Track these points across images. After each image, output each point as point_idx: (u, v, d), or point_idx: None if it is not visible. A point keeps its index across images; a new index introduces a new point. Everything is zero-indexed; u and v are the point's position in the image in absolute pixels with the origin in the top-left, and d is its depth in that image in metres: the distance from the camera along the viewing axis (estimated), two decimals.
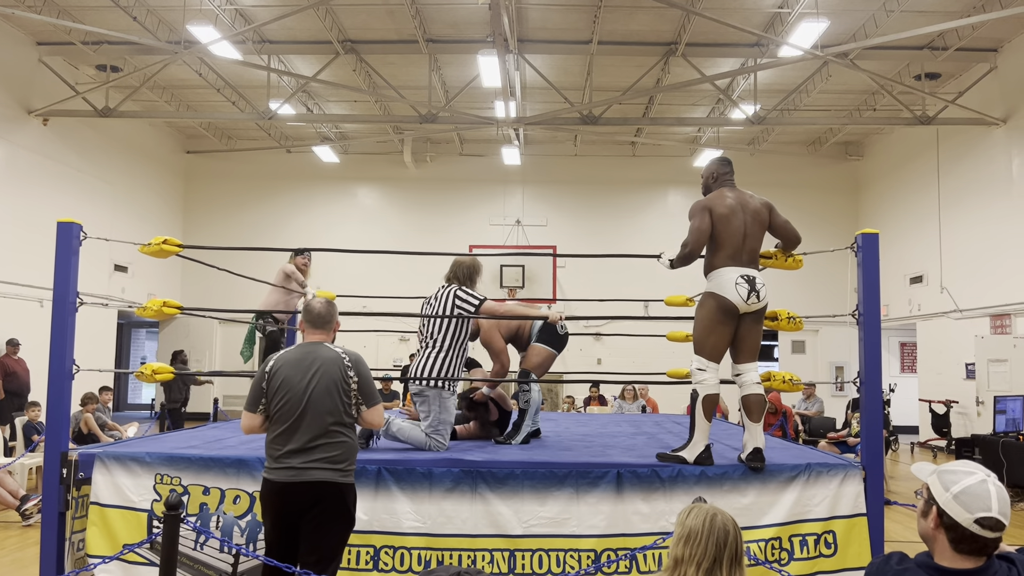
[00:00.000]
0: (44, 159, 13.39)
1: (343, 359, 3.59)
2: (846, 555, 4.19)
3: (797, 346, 17.58)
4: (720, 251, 4.42)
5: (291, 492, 3.44)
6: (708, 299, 4.42)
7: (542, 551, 4.13)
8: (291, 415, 3.46)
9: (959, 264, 13.80)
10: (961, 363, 13.59)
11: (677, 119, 15.82)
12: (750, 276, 4.38)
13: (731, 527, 2.27)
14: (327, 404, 3.50)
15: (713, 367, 4.38)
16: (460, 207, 18.02)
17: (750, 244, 4.46)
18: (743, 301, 4.32)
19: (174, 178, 17.96)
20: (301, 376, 3.50)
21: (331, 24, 12.04)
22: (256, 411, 3.54)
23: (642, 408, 11.79)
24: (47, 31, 12.42)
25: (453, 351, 4.96)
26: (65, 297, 4.41)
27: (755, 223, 4.48)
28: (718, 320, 4.36)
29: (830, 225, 17.26)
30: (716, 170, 4.65)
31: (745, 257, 4.43)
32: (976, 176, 13.34)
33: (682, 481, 4.21)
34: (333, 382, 3.53)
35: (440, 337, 4.95)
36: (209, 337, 17.51)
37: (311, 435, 3.46)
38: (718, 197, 4.49)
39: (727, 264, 4.39)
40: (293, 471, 3.44)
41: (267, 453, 3.53)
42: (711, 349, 4.38)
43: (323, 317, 3.71)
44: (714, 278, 4.42)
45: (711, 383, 4.36)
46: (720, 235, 4.42)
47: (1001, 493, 1.95)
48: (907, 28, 10.90)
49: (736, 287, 4.32)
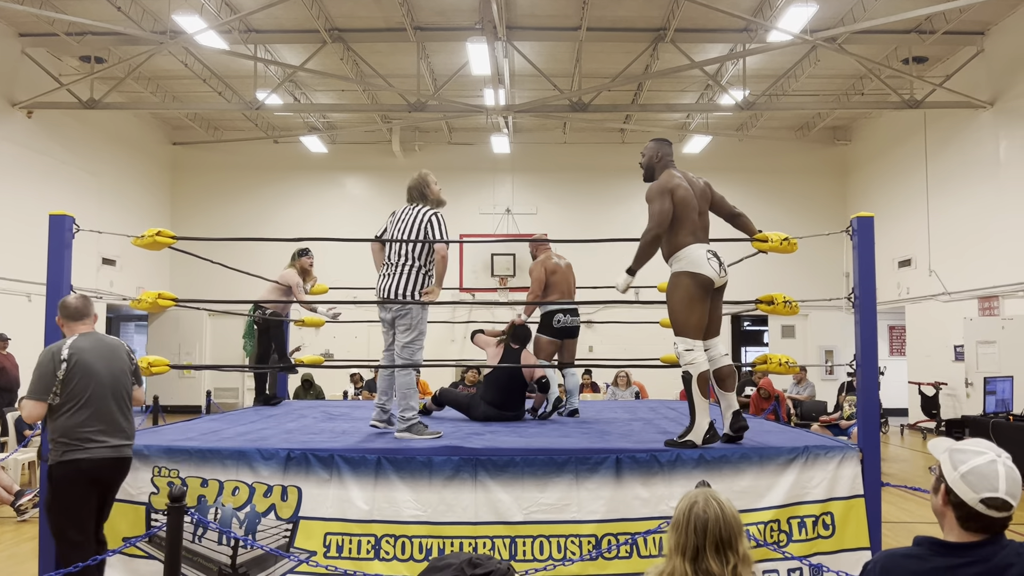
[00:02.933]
0: (29, 152, 13.25)
1: (124, 344, 4.17)
2: (844, 536, 4.23)
3: (787, 331, 17.67)
4: (682, 230, 4.49)
5: (113, 468, 3.91)
6: (683, 278, 4.44)
7: (543, 537, 4.14)
8: (99, 398, 3.85)
9: (947, 247, 13.89)
10: (950, 345, 13.69)
11: (666, 105, 15.81)
12: (715, 252, 4.50)
13: (714, 513, 2.21)
14: (125, 385, 4.03)
15: (699, 345, 4.42)
16: (449, 196, 17.49)
17: (704, 221, 4.60)
18: (717, 275, 4.42)
19: (161, 170, 17.82)
20: (102, 362, 3.91)
21: (318, 12, 11.95)
22: (46, 399, 3.78)
23: (635, 394, 11.83)
24: (30, 22, 12.26)
25: (427, 267, 5.17)
26: (58, 291, 4.38)
27: (703, 200, 4.61)
28: (697, 297, 4.41)
29: (819, 209, 17.34)
30: (661, 151, 4.72)
31: (702, 234, 4.55)
32: (964, 159, 13.41)
33: (681, 465, 4.23)
34: (123, 365, 4.05)
35: (416, 254, 5.12)
36: (199, 330, 17.44)
37: (120, 415, 3.94)
38: (672, 178, 4.57)
39: (692, 241, 4.47)
40: (111, 449, 3.87)
41: (74, 436, 3.77)
42: (695, 327, 4.42)
43: (81, 311, 4.09)
44: (684, 256, 4.46)
45: (701, 361, 4.39)
46: (680, 214, 4.49)
47: (1012, 474, 1.97)
48: (894, 12, 10.92)
49: (709, 262, 4.40)
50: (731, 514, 2.25)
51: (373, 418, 5.34)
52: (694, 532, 2.21)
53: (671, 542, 2.26)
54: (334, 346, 16.81)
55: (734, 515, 2.25)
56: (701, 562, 2.19)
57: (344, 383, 13.97)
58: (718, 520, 2.22)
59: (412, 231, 5.13)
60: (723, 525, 2.21)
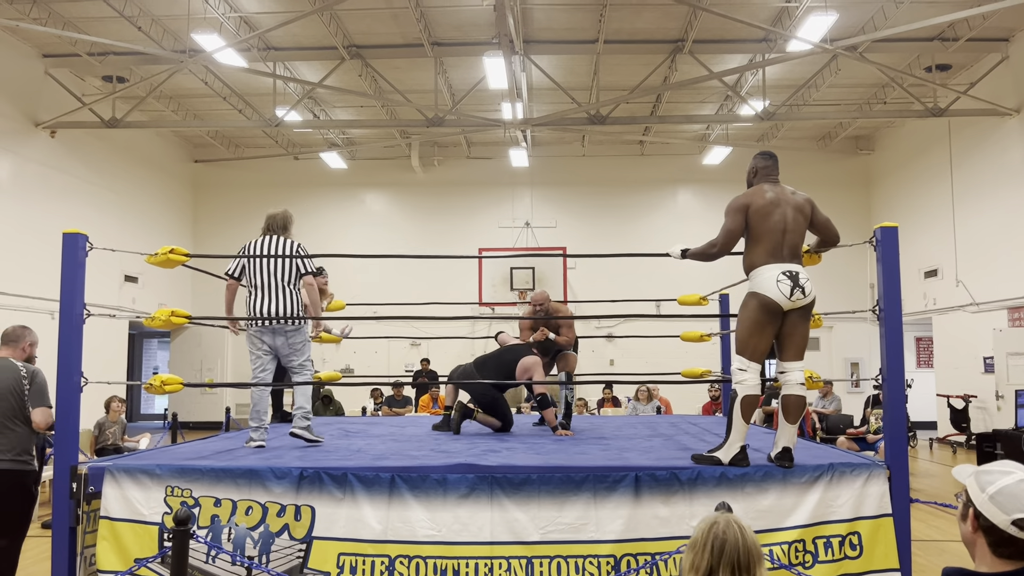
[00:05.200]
0: (52, 171, 13.41)
1: (20, 369, 4.72)
2: (872, 556, 4.09)
3: (812, 343, 17.24)
4: (759, 247, 4.30)
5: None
6: (750, 299, 4.30)
7: (560, 558, 4.04)
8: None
9: (974, 257, 13.64)
10: (979, 357, 13.43)
11: (685, 117, 15.72)
12: (792, 272, 4.24)
13: (733, 536, 2.19)
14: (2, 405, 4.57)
15: (754, 367, 4.26)
16: (469, 210, 17.96)
17: (791, 239, 4.32)
18: (786, 298, 4.20)
19: (182, 187, 17.98)
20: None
21: (336, 29, 12.01)
22: None
23: (657, 409, 11.68)
24: (53, 43, 12.44)
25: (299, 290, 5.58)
26: (72, 309, 4.35)
27: (797, 218, 4.35)
28: (760, 320, 4.24)
29: (843, 220, 16.85)
30: (756, 164, 4.56)
31: (786, 252, 4.29)
32: (990, 167, 13.19)
33: (702, 484, 4.11)
34: (9, 388, 4.61)
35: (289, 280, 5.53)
36: (221, 347, 17.50)
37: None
38: (756, 193, 4.39)
39: (767, 261, 4.26)
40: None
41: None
42: (752, 349, 4.27)
43: (10, 336, 4.81)
44: (755, 276, 4.29)
45: (751, 383, 4.25)
46: (758, 230, 4.30)
47: None
48: (917, 19, 10.77)
49: (778, 284, 4.19)
50: (751, 541, 2.20)
51: None
52: (711, 553, 2.18)
53: (687, 561, 2.23)
54: (354, 361, 16.81)
55: (755, 543, 2.21)
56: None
57: (364, 399, 13.94)
58: (737, 543, 2.18)
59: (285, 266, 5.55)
60: (741, 550, 2.17)
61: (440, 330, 16.43)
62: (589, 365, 16.06)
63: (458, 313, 14.54)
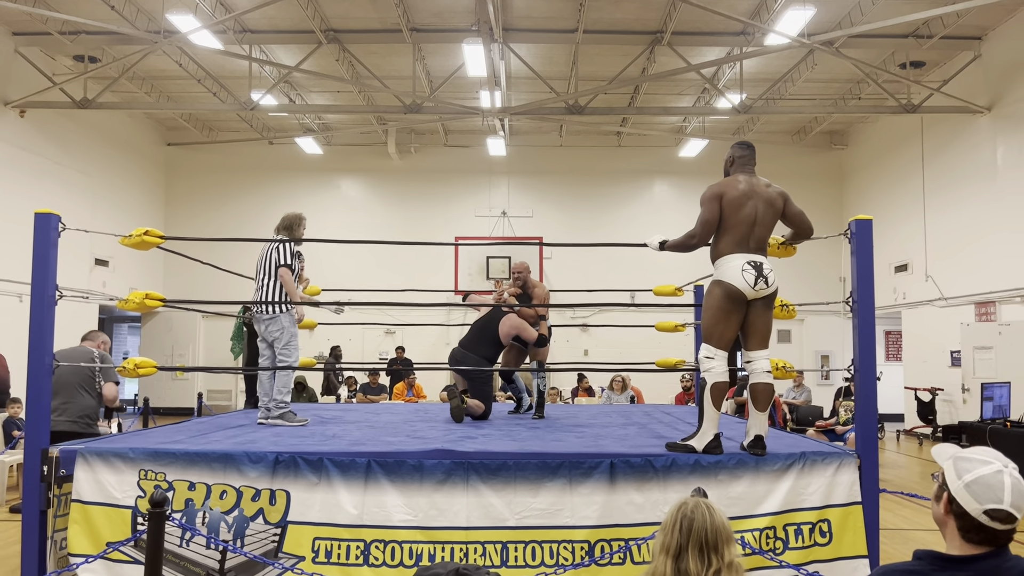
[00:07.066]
0: (21, 151, 13.16)
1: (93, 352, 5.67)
2: (841, 543, 4.16)
3: (783, 335, 17.62)
4: (727, 237, 4.37)
5: None
6: (715, 287, 4.37)
7: (535, 543, 4.07)
8: None
9: (944, 252, 13.86)
10: (946, 351, 13.66)
11: (663, 108, 15.77)
12: (756, 262, 4.32)
13: (700, 514, 2.28)
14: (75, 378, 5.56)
15: (721, 355, 4.33)
16: (445, 198, 17.90)
17: (759, 232, 4.39)
18: (750, 287, 4.27)
19: (155, 170, 17.73)
20: None
21: (313, 13, 11.88)
22: None
23: (631, 398, 11.77)
24: (23, 21, 12.17)
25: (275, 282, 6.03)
26: (43, 291, 4.29)
27: (768, 211, 4.42)
28: (725, 308, 4.31)
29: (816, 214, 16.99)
30: (734, 154, 4.61)
31: (753, 244, 4.37)
32: (961, 164, 13.38)
33: (676, 471, 4.16)
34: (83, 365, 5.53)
35: (269, 273, 6.02)
36: (192, 331, 17.33)
37: None
38: (730, 183, 4.44)
39: (733, 251, 4.34)
40: None
41: None
42: (719, 337, 4.33)
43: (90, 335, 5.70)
44: (720, 265, 4.37)
45: (719, 371, 4.32)
46: (728, 221, 4.36)
47: (1018, 485, 1.89)
48: (892, 16, 10.89)
49: (743, 273, 4.27)
50: (720, 521, 2.30)
51: (259, 417, 6.05)
52: (679, 531, 2.28)
53: (658, 543, 2.33)
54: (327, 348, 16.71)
55: (723, 523, 2.30)
56: (682, 561, 2.24)
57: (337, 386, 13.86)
58: (704, 523, 2.28)
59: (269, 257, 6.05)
60: (709, 529, 2.27)
61: (415, 317, 16.41)
62: (564, 354, 16.13)
63: (433, 301, 14.51)
